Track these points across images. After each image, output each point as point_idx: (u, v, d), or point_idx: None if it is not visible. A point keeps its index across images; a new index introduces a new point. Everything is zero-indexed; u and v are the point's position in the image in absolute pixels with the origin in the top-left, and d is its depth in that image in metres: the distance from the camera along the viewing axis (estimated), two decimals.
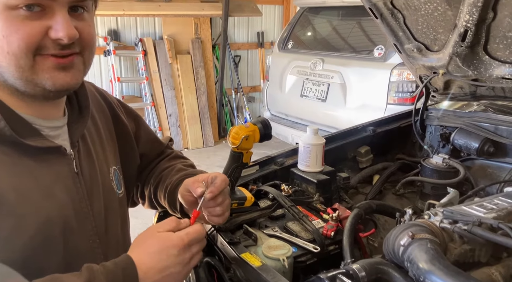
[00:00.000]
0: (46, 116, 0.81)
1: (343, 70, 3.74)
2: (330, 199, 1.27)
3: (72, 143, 0.85)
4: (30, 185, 0.75)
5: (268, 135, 1.13)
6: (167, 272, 0.75)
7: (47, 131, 0.81)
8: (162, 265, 0.75)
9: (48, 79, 0.74)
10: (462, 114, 1.48)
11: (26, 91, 0.75)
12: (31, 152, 0.76)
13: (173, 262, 0.76)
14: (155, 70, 5.09)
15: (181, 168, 1.09)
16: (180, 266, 0.77)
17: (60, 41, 0.72)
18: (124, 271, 0.72)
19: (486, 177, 1.35)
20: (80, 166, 0.86)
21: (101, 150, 0.95)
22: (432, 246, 0.78)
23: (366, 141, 1.54)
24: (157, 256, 0.75)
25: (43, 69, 0.73)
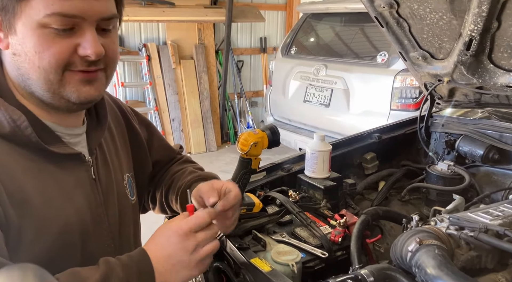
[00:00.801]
0: (68, 124, 0.85)
1: (346, 76, 3.76)
2: (337, 205, 1.29)
3: (90, 150, 0.88)
4: (53, 190, 0.78)
5: (276, 142, 1.14)
6: (174, 261, 0.77)
7: (68, 138, 0.84)
8: (166, 252, 0.77)
9: (74, 92, 0.77)
10: (467, 121, 1.49)
11: (52, 103, 0.79)
12: (54, 158, 0.79)
13: (175, 249, 0.77)
14: (158, 75, 5.12)
15: (192, 170, 1.11)
16: (184, 253, 0.77)
17: (88, 58, 0.76)
18: (139, 263, 0.75)
19: (491, 184, 1.36)
20: (97, 172, 0.88)
21: (116, 157, 0.98)
22: (439, 252, 0.79)
23: (371, 147, 1.56)
24: (160, 244, 0.78)
25: (70, 83, 0.77)
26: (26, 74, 0.75)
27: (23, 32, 0.72)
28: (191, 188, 0.99)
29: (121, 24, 0.87)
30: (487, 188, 1.33)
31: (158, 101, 5.18)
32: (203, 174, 1.08)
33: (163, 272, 0.76)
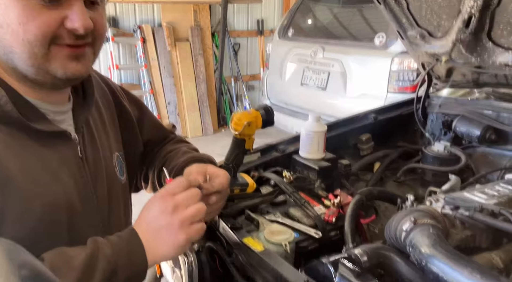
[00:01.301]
0: (52, 101, 0.82)
1: (343, 59, 3.72)
2: (331, 186, 1.28)
3: (76, 128, 0.86)
4: (37, 168, 0.75)
5: (270, 121, 1.12)
6: (156, 226, 0.76)
7: (53, 115, 0.81)
8: (148, 221, 0.77)
9: (60, 68, 0.74)
10: (464, 101, 1.47)
11: (36, 78, 0.75)
12: (37, 136, 0.77)
13: (155, 214, 0.77)
14: (153, 58, 5.05)
15: (186, 151, 1.09)
16: (164, 216, 0.76)
17: (76, 32, 0.73)
18: (129, 242, 0.75)
19: (487, 165, 1.35)
20: (84, 151, 0.86)
21: (104, 136, 0.95)
22: (434, 231, 0.78)
23: (367, 128, 1.54)
24: (143, 217, 0.78)
25: (56, 58, 0.73)
26: (8, 47, 0.71)
27: (5, 2, 0.69)
28: (184, 170, 0.97)
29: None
30: (483, 169, 1.32)
31: (154, 84, 5.13)
32: (198, 156, 1.06)
33: (151, 244, 0.75)
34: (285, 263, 0.84)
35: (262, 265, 0.85)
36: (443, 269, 0.70)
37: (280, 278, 0.80)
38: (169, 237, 0.76)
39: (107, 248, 0.72)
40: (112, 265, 0.71)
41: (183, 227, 0.76)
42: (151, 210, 0.78)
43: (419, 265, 0.75)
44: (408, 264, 0.80)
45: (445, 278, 0.69)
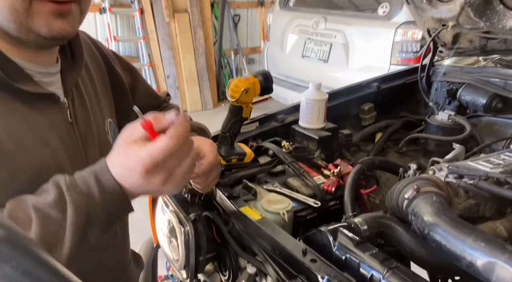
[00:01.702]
0: (38, 61, 0.78)
1: (346, 30, 3.62)
2: (331, 156, 1.25)
3: (65, 91, 0.82)
4: (25, 132, 0.72)
5: (269, 88, 1.08)
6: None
7: (39, 77, 0.77)
8: (118, 153, 0.65)
9: (44, 25, 0.70)
10: (470, 69, 1.42)
11: (19, 36, 0.71)
12: (24, 98, 0.73)
13: (125, 148, 0.65)
14: (152, 29, 4.94)
15: None
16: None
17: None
18: (96, 172, 0.66)
19: (492, 134, 1.31)
20: (74, 115, 0.83)
21: (95, 101, 0.92)
22: (437, 199, 0.76)
23: (370, 98, 1.49)
24: (114, 150, 0.67)
25: (39, 14, 0.69)
26: None
27: None
28: None
29: None
30: (488, 138, 1.29)
31: (152, 57, 5.04)
32: (190, 124, 1.02)
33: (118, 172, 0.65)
34: (283, 232, 0.82)
35: (259, 234, 0.83)
36: (446, 237, 0.67)
37: (278, 247, 0.78)
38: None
39: (72, 191, 0.64)
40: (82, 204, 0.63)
41: (180, 183, 0.67)
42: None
43: (421, 234, 0.72)
44: (410, 233, 0.78)
45: (448, 246, 0.66)
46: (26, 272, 0.35)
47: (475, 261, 0.63)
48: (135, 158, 0.63)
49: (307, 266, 0.71)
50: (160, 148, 0.62)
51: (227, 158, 1.09)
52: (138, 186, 0.65)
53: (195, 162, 0.70)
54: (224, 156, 1.08)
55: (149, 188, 0.66)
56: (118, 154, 0.66)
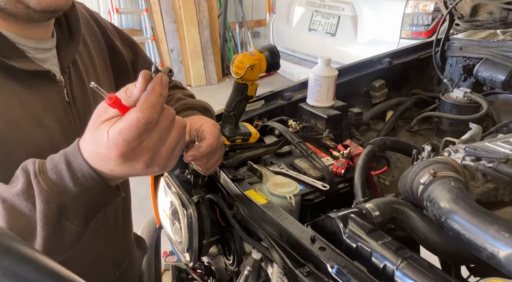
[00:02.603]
0: (31, 36, 0.72)
1: (355, 1, 3.49)
2: (340, 136, 1.20)
3: (62, 68, 0.77)
4: (17, 112, 0.68)
5: (276, 64, 1.02)
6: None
7: (33, 53, 0.72)
8: (90, 132, 0.57)
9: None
10: (489, 43, 1.34)
11: (7, 8, 0.66)
12: (16, 75, 0.68)
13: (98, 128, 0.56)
14: (155, 1, 4.82)
15: (181, 97, 1.00)
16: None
17: None
18: (65, 153, 0.59)
19: (510, 113, 1.25)
20: (72, 95, 0.78)
21: (94, 78, 0.87)
22: (456, 184, 0.71)
23: (381, 74, 1.42)
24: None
25: None
26: None
27: None
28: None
29: None
30: (506, 117, 1.23)
31: (155, 30, 4.93)
32: (190, 102, 0.98)
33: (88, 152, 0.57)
34: (290, 217, 0.78)
35: (265, 219, 0.79)
36: (466, 226, 0.63)
37: (285, 233, 0.74)
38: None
39: (41, 179, 0.57)
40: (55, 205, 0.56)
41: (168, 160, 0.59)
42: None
43: (438, 221, 0.68)
44: (424, 220, 0.74)
45: (468, 236, 0.62)
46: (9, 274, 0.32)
47: (497, 253, 0.59)
48: (107, 142, 0.53)
49: (316, 254, 0.67)
50: (130, 125, 0.52)
51: (231, 138, 1.04)
52: (119, 172, 0.56)
53: (183, 136, 0.60)
54: (228, 136, 1.03)
55: (132, 172, 0.57)
56: (89, 138, 0.57)
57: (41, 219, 0.56)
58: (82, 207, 0.59)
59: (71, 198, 0.57)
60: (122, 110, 0.54)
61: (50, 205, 0.56)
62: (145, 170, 0.57)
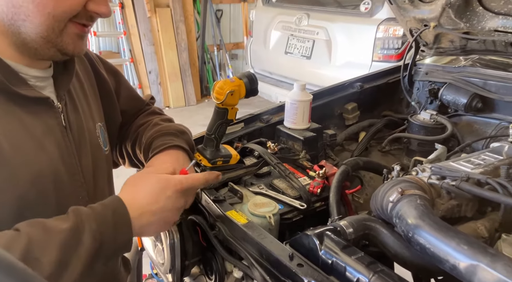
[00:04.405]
0: (34, 66, 0.78)
1: (328, 26, 3.64)
2: (316, 157, 1.25)
3: (58, 96, 0.83)
4: (22, 136, 0.72)
5: (254, 90, 1.07)
6: (162, 215, 0.76)
7: (34, 81, 0.78)
8: (158, 207, 0.75)
9: (70, 44, 0.76)
10: (451, 69, 1.44)
11: (38, 49, 0.74)
12: (20, 101, 0.73)
13: (168, 205, 0.76)
14: (133, 24, 4.86)
15: (157, 123, 1.06)
16: (174, 211, 0.78)
17: (101, 16, 0.77)
18: (114, 213, 0.71)
19: (472, 133, 1.34)
20: (68, 120, 0.83)
21: (86, 105, 0.93)
22: (421, 202, 0.77)
23: (353, 97, 1.50)
24: (154, 197, 0.75)
25: (68, 34, 0.75)
26: (23, 14, 0.69)
27: None
28: (152, 146, 0.96)
29: None
30: (469, 137, 1.31)
31: (134, 52, 4.96)
32: (165, 128, 1.03)
33: (137, 218, 0.73)
34: (269, 236, 0.82)
35: (245, 238, 0.83)
36: (430, 240, 0.68)
37: (264, 251, 0.78)
38: (166, 221, 0.77)
39: (92, 222, 0.67)
40: (98, 240, 0.67)
41: (175, 213, 0.78)
42: (167, 195, 0.76)
43: (406, 237, 0.73)
44: (394, 236, 0.79)
45: (432, 249, 0.68)
46: None
47: (458, 264, 0.64)
48: (175, 179, 0.78)
49: (294, 270, 0.71)
50: (197, 179, 0.81)
51: (212, 160, 1.08)
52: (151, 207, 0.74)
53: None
54: (210, 159, 1.07)
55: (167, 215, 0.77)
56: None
57: (84, 253, 0.65)
58: (111, 252, 0.70)
59: (109, 241, 0.69)
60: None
61: (97, 241, 0.66)
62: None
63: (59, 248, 0.62)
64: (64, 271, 0.62)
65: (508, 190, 0.80)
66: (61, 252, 0.62)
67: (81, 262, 0.64)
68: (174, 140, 0.98)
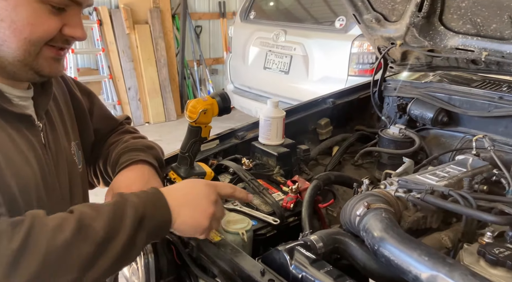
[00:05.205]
0: (17, 86, 0.83)
1: (305, 42, 3.71)
2: (290, 172, 1.28)
3: (38, 115, 0.86)
4: (11, 149, 0.76)
5: (227, 109, 1.10)
6: (192, 201, 0.81)
7: (17, 100, 0.82)
8: (185, 192, 0.82)
9: (46, 67, 0.80)
10: (418, 84, 1.50)
11: (16, 72, 0.78)
12: (7, 118, 0.77)
13: (196, 192, 0.82)
14: (111, 41, 4.86)
15: (127, 140, 1.08)
16: (205, 200, 0.82)
17: (77, 39, 0.81)
18: (153, 195, 0.78)
19: (439, 146, 1.39)
20: (47, 138, 0.87)
21: (62, 124, 0.96)
22: (386, 215, 0.80)
23: (326, 113, 1.54)
24: (177, 187, 0.84)
25: (44, 57, 0.78)
26: (0, 39, 0.73)
27: (17, 0, 0.72)
28: (119, 161, 1.00)
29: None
30: (436, 150, 1.37)
31: (112, 68, 4.95)
32: (132, 144, 1.06)
33: (177, 208, 0.78)
34: (242, 253, 0.83)
35: (218, 255, 0.84)
36: (394, 252, 0.71)
37: (237, 268, 0.80)
38: (199, 216, 0.80)
39: (134, 197, 0.75)
40: (139, 212, 0.73)
41: (212, 218, 0.81)
42: (190, 188, 0.83)
43: (372, 249, 0.76)
44: (362, 248, 0.82)
45: (396, 261, 0.70)
46: None
47: (420, 275, 0.67)
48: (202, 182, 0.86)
49: None
50: (240, 191, 0.89)
51: (186, 178, 1.09)
52: (193, 203, 0.81)
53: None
54: (184, 177, 1.09)
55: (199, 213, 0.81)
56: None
57: (129, 222, 0.71)
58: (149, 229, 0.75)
59: (150, 214, 0.75)
60: None
61: (139, 213, 0.73)
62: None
63: (107, 218, 0.70)
64: (113, 237, 0.69)
65: (469, 201, 0.84)
66: (109, 220, 0.70)
67: (126, 230, 0.71)
68: (141, 155, 1.01)
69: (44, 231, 0.64)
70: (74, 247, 0.65)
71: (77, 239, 0.66)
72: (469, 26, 1.25)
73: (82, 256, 0.66)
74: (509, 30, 1.20)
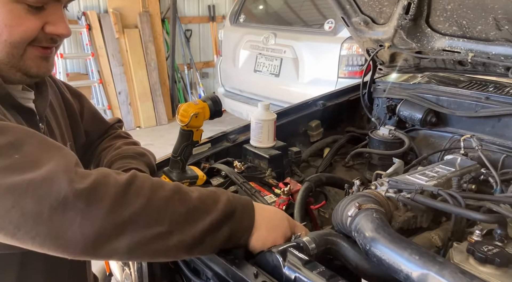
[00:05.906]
0: (18, 89, 0.85)
1: (295, 45, 3.73)
2: (282, 174, 1.28)
3: (40, 117, 0.88)
4: None
5: (218, 112, 1.10)
6: (272, 220, 0.84)
7: (23, 102, 0.84)
8: (267, 210, 0.86)
9: (33, 67, 0.80)
10: (407, 86, 1.52)
11: (5, 75, 0.77)
12: (21, 118, 0.80)
13: (276, 214, 0.86)
14: (101, 46, 4.84)
15: (119, 146, 1.08)
16: (281, 221, 0.86)
17: (60, 37, 0.80)
18: (244, 199, 0.82)
19: (428, 146, 1.41)
20: None
21: (57, 126, 0.97)
22: (377, 215, 0.81)
23: (316, 115, 1.56)
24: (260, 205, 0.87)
25: (30, 58, 0.78)
26: None
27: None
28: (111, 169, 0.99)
29: None
30: (425, 151, 1.38)
31: (102, 73, 4.92)
32: (124, 151, 1.06)
33: (259, 223, 0.81)
34: (235, 256, 0.83)
35: (211, 259, 0.84)
36: (385, 252, 0.72)
37: (230, 271, 0.80)
38: (271, 241, 0.82)
39: (229, 193, 0.80)
40: (232, 206, 0.77)
41: (282, 237, 0.84)
42: (274, 213, 0.87)
43: (364, 249, 0.77)
44: (354, 249, 0.83)
45: (387, 261, 0.71)
46: None
47: (411, 273, 0.68)
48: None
49: None
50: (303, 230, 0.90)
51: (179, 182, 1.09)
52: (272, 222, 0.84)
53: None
54: (176, 181, 1.09)
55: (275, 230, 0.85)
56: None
57: (221, 207, 0.75)
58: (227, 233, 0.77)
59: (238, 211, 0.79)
60: None
61: (230, 205, 0.77)
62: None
63: (203, 194, 0.75)
64: (204, 211, 0.73)
65: (458, 200, 0.86)
66: (205, 197, 0.74)
67: (217, 212, 0.74)
68: (132, 162, 1.01)
69: (147, 182, 0.69)
70: (171, 204, 0.69)
71: (174, 198, 0.70)
72: (455, 28, 1.27)
73: (176, 214, 0.69)
74: (494, 32, 1.22)
